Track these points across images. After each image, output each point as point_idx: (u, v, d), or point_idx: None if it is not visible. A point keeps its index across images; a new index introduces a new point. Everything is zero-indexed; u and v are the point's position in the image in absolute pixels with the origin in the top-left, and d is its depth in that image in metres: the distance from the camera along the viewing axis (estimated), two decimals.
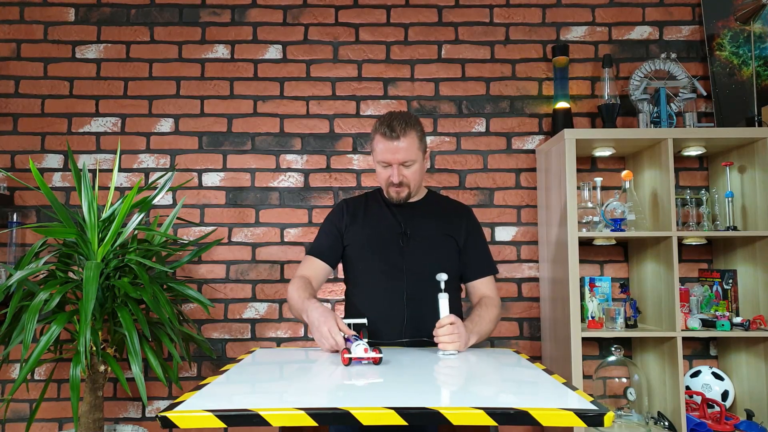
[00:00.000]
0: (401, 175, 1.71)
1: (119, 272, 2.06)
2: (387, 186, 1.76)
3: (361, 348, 1.33)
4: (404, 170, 1.71)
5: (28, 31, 2.63)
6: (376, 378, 1.23)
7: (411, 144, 1.69)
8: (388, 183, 1.74)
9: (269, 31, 2.66)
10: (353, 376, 1.28)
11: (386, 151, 1.69)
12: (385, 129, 1.68)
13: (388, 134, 1.67)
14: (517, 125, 2.64)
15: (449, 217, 1.83)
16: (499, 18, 2.68)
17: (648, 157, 2.42)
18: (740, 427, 2.17)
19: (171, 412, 0.93)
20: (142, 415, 2.50)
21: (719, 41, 2.59)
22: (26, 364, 1.84)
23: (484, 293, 1.78)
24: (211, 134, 2.61)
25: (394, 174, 1.70)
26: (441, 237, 1.78)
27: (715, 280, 2.43)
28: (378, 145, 1.71)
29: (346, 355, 1.33)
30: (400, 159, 1.69)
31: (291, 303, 1.71)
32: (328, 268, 1.81)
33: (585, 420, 0.94)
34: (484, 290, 1.79)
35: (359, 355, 1.33)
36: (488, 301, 1.75)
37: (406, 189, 1.74)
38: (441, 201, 1.90)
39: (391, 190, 1.75)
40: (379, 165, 1.74)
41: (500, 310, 1.78)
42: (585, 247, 2.55)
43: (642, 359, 2.45)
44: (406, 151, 1.69)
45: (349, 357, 1.33)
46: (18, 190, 2.55)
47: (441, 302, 1.51)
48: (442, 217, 1.82)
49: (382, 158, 1.71)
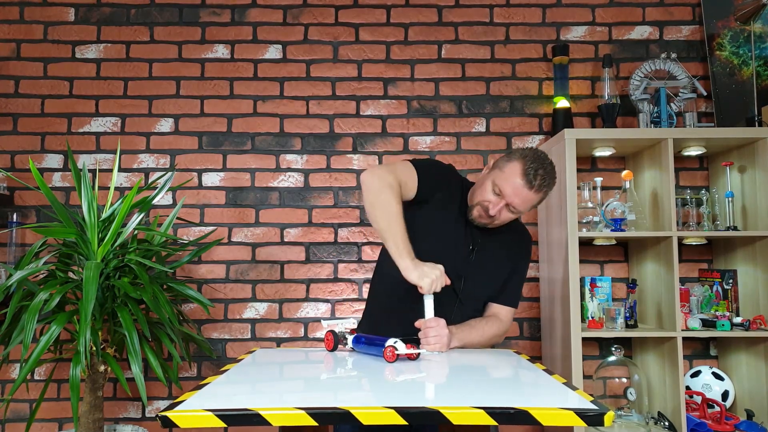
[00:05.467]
0: (501, 214, 1.62)
1: (119, 272, 2.06)
2: (480, 208, 1.64)
3: (402, 345, 1.36)
4: (507, 212, 1.62)
5: (28, 31, 2.63)
6: (377, 378, 1.23)
7: (534, 200, 1.60)
8: (484, 207, 1.62)
9: (269, 31, 2.66)
10: (353, 375, 1.27)
11: (513, 191, 1.57)
12: (531, 173, 1.55)
13: (529, 180, 1.55)
14: (517, 125, 2.64)
15: (514, 245, 1.77)
16: (499, 18, 2.68)
17: (648, 157, 2.42)
18: (740, 427, 2.17)
19: (171, 412, 0.93)
20: (142, 415, 2.50)
21: (719, 41, 2.59)
22: (26, 364, 1.84)
23: (496, 313, 1.73)
24: (211, 134, 2.61)
25: (498, 208, 1.60)
26: (504, 260, 1.73)
27: (716, 280, 2.42)
28: (511, 177, 1.57)
29: (396, 352, 1.35)
30: (516, 204, 1.59)
31: (382, 205, 1.50)
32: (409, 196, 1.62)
33: (585, 419, 0.94)
34: (497, 312, 1.73)
35: (403, 351, 1.35)
36: (493, 320, 1.70)
37: (490, 221, 1.65)
38: (511, 224, 1.75)
39: (479, 211, 1.64)
40: (492, 189, 1.60)
41: (501, 334, 1.72)
42: (585, 247, 2.55)
43: (642, 359, 2.45)
44: (525, 202, 1.59)
45: (397, 353, 1.35)
46: (18, 190, 2.55)
47: (426, 302, 1.50)
48: (509, 243, 1.75)
49: (503, 187, 1.58)
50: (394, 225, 1.50)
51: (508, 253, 1.75)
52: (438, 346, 1.49)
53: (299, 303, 2.56)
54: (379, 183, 1.54)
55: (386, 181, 1.54)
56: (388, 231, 1.50)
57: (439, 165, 1.77)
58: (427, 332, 1.49)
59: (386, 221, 1.50)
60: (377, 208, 1.52)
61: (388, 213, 1.51)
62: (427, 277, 1.44)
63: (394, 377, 1.23)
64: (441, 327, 1.50)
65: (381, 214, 1.51)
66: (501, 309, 1.74)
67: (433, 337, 1.49)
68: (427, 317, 1.51)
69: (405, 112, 2.64)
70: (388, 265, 1.56)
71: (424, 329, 1.50)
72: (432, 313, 1.51)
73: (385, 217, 1.51)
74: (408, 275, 1.46)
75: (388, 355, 1.34)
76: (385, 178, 1.54)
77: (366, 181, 1.56)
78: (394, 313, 1.69)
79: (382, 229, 1.51)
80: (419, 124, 2.63)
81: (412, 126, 2.63)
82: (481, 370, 1.38)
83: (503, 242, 1.73)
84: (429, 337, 1.49)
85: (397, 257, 1.48)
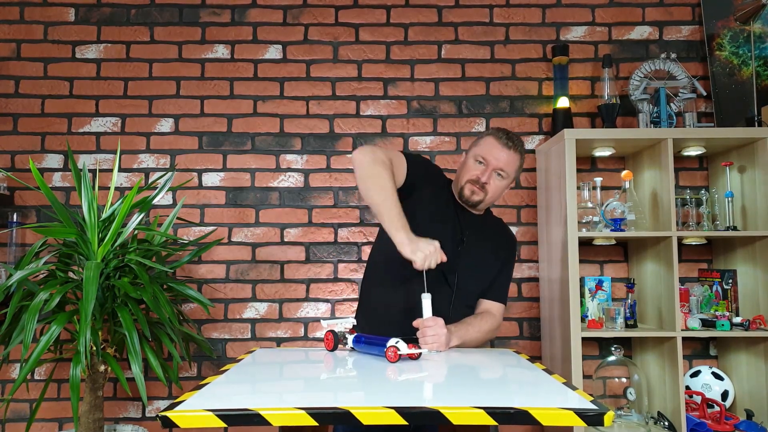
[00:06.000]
0: (491, 180, 1.70)
1: (119, 272, 2.06)
2: (468, 181, 1.72)
3: (404, 345, 1.36)
4: (495, 177, 1.71)
5: (28, 31, 2.63)
6: (376, 378, 1.23)
7: (515, 161, 1.72)
8: (472, 178, 1.71)
9: (269, 31, 2.66)
10: (353, 375, 1.28)
11: (492, 151, 1.69)
12: (502, 135, 1.70)
13: (503, 140, 1.69)
14: (517, 125, 2.64)
15: (500, 243, 1.83)
16: (499, 18, 2.68)
17: (648, 157, 2.42)
18: (740, 427, 2.17)
19: (171, 412, 0.93)
20: (142, 415, 2.50)
21: (719, 41, 2.59)
22: (26, 364, 1.84)
23: (488, 309, 1.78)
24: (211, 134, 2.61)
25: (486, 173, 1.69)
26: (491, 256, 1.78)
27: (715, 280, 2.43)
28: (486, 144, 1.71)
29: (399, 352, 1.35)
30: (500, 165, 1.69)
31: (375, 178, 1.51)
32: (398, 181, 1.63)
33: (585, 419, 0.94)
34: (489, 307, 1.78)
35: (405, 351, 1.36)
36: (487, 316, 1.75)
37: (483, 195, 1.72)
38: (497, 223, 1.89)
39: (471, 187, 1.71)
40: (474, 160, 1.72)
41: (495, 329, 1.77)
42: (585, 247, 2.55)
43: (642, 359, 2.45)
44: (508, 163, 1.70)
45: (399, 354, 1.35)
46: (18, 190, 2.55)
47: (424, 302, 1.51)
48: (495, 239, 1.82)
49: (484, 155, 1.70)
50: (389, 199, 1.49)
51: (494, 249, 1.80)
52: (436, 345, 1.49)
53: (299, 303, 2.56)
54: (371, 157, 1.54)
55: (379, 158, 1.55)
56: (383, 204, 1.49)
57: (425, 161, 1.83)
58: (424, 332, 1.50)
59: (380, 195, 1.50)
60: (370, 182, 1.52)
61: (382, 187, 1.50)
62: (421, 252, 1.44)
63: (394, 377, 1.23)
64: (439, 326, 1.51)
65: (374, 187, 1.51)
66: (492, 305, 1.78)
67: (430, 337, 1.49)
68: (425, 317, 1.51)
69: (405, 112, 2.64)
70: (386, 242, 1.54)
71: (422, 329, 1.50)
72: (430, 312, 1.51)
73: (378, 190, 1.50)
74: (402, 249, 1.45)
75: (390, 356, 1.34)
76: (377, 155, 1.56)
77: (357, 158, 1.56)
78: (391, 291, 1.70)
79: (377, 203, 1.50)
80: (419, 124, 2.63)
81: (412, 126, 2.63)
82: (481, 370, 1.39)
83: (490, 239, 1.79)
84: (427, 336, 1.49)
85: (393, 231, 1.47)
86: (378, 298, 1.76)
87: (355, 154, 1.57)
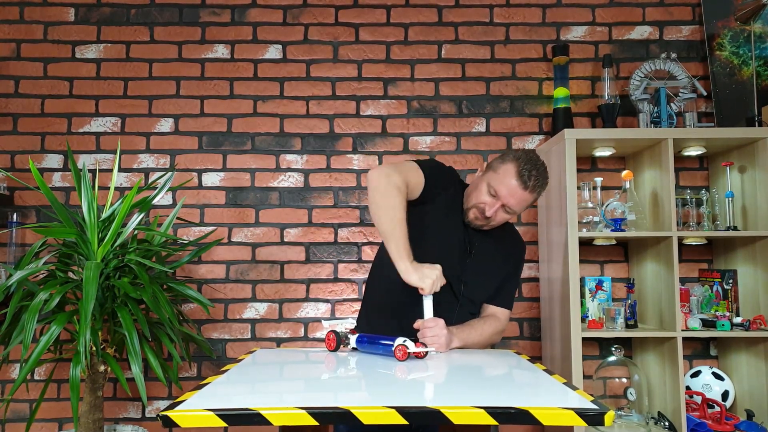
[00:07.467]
0: (497, 215, 1.65)
1: (119, 272, 2.06)
2: (475, 207, 1.67)
3: (412, 344, 1.38)
4: (501, 211, 1.65)
5: (28, 31, 2.63)
6: (377, 377, 1.23)
7: (528, 200, 1.64)
8: (480, 209, 1.65)
9: (269, 31, 2.66)
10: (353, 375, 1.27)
11: (508, 192, 1.61)
12: (525, 171, 1.59)
13: (524, 178, 1.59)
14: (517, 125, 2.64)
15: (510, 250, 1.81)
16: (499, 18, 2.68)
17: (648, 157, 2.42)
18: (740, 427, 2.17)
19: (172, 412, 0.93)
20: (142, 415, 2.50)
21: (719, 41, 2.59)
22: (26, 364, 1.83)
23: (493, 313, 1.76)
24: (211, 134, 2.61)
25: (493, 209, 1.63)
26: (500, 263, 1.76)
27: (716, 280, 2.43)
28: (506, 176, 1.61)
29: (408, 350, 1.37)
30: (510, 203, 1.62)
31: (388, 207, 1.50)
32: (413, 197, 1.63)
33: (585, 419, 0.94)
34: (494, 312, 1.76)
35: (414, 349, 1.37)
36: (491, 319, 1.73)
37: (485, 223, 1.68)
38: (507, 228, 1.82)
39: (475, 213, 1.67)
40: (488, 190, 1.64)
41: (499, 333, 1.74)
42: (585, 247, 2.55)
43: (642, 359, 2.45)
44: (520, 202, 1.63)
45: (409, 352, 1.36)
46: (18, 190, 2.55)
47: (425, 303, 1.51)
48: (504, 246, 1.79)
49: (498, 188, 1.62)
50: (397, 229, 1.50)
51: (504, 257, 1.77)
52: (435, 346, 1.49)
53: (299, 303, 2.56)
54: (386, 183, 1.53)
55: (393, 182, 1.53)
56: (391, 234, 1.51)
57: (442, 167, 1.78)
58: (424, 332, 1.50)
59: (390, 225, 1.51)
60: (382, 210, 1.52)
61: (393, 217, 1.51)
62: (428, 278, 1.47)
63: (395, 377, 1.23)
64: (439, 327, 1.51)
65: (385, 217, 1.52)
66: (498, 310, 1.76)
67: (430, 338, 1.49)
68: (426, 318, 1.51)
69: (405, 112, 2.64)
70: (388, 266, 1.56)
71: (422, 329, 1.51)
72: (431, 313, 1.51)
73: (389, 220, 1.51)
74: (408, 277, 1.47)
75: (399, 354, 1.35)
76: (392, 179, 1.54)
77: (373, 180, 1.55)
78: (393, 312, 1.69)
79: (385, 231, 1.52)
80: (419, 124, 2.63)
81: (412, 126, 2.63)
82: (482, 369, 1.39)
83: (499, 246, 1.76)
84: (426, 337, 1.49)
85: (397, 259, 1.49)
86: (381, 300, 1.76)
87: (371, 175, 1.56)
